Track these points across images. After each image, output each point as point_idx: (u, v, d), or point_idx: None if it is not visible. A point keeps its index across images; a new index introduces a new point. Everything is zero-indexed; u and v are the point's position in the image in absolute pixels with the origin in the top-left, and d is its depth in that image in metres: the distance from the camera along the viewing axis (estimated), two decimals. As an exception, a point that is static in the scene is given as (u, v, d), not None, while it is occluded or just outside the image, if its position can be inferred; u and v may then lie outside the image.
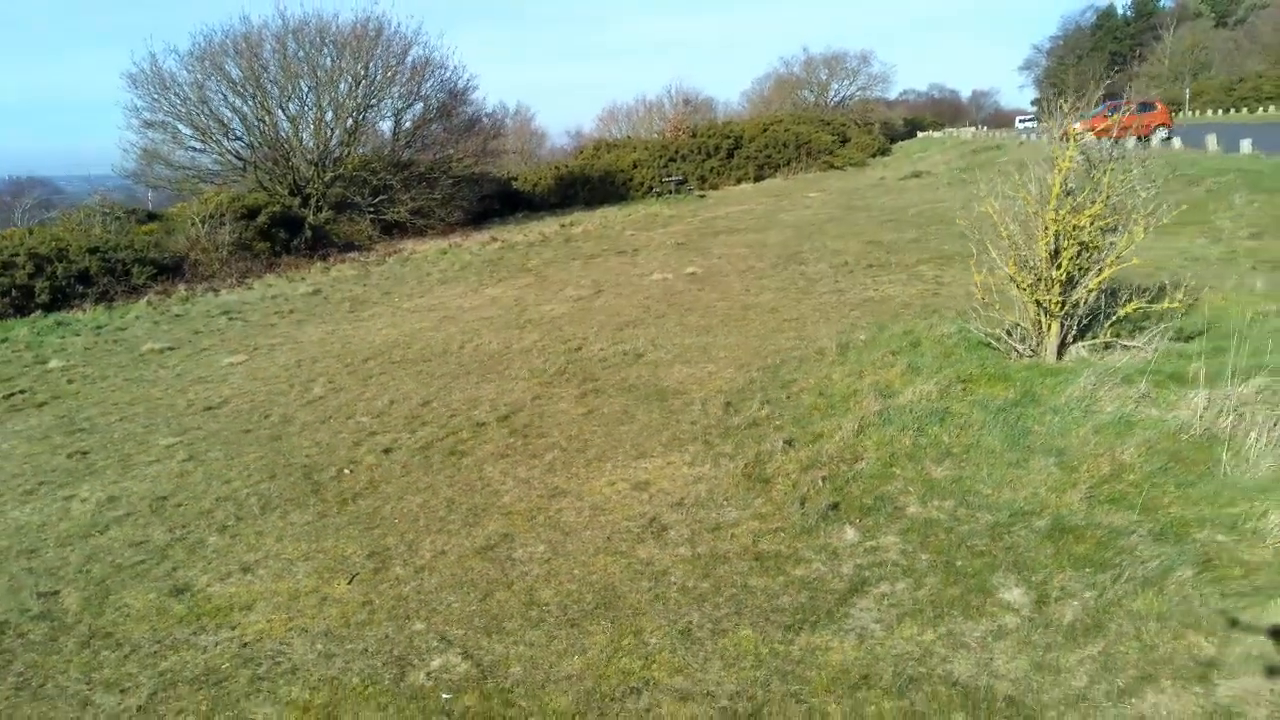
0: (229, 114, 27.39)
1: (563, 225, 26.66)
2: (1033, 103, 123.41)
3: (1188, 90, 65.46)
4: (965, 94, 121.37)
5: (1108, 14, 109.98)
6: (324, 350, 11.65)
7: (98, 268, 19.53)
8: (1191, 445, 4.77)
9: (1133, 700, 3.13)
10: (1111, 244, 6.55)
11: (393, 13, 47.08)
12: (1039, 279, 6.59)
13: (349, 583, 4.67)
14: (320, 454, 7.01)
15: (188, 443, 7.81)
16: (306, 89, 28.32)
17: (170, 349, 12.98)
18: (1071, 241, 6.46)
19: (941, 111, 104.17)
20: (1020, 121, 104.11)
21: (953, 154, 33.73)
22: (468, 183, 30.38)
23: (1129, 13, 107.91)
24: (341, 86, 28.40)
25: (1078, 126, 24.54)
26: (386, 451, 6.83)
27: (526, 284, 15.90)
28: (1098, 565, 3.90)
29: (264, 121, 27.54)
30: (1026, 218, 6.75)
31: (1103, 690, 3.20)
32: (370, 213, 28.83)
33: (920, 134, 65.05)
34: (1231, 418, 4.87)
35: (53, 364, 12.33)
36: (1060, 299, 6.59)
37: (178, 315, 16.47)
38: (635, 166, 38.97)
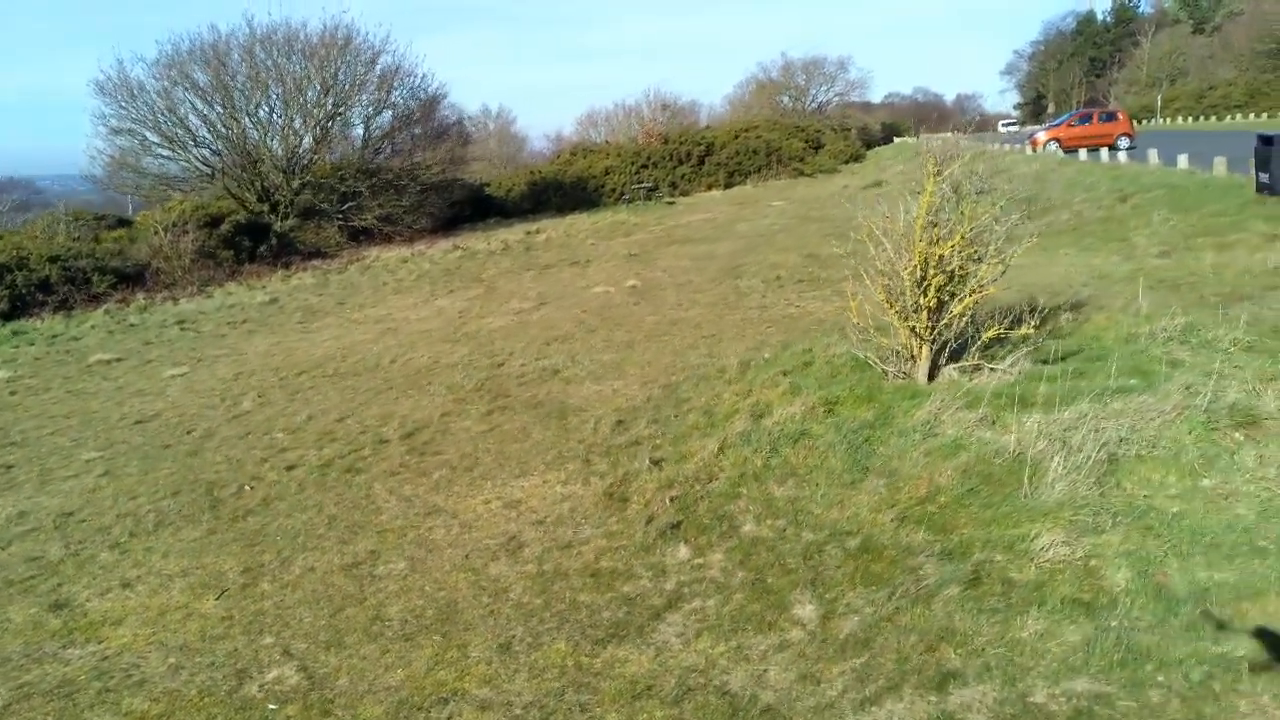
0: (197, 122, 27.62)
1: (528, 233, 26.97)
2: (1015, 107, 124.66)
3: (1159, 97, 66.19)
4: (950, 98, 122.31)
5: (1088, 20, 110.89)
6: (264, 363, 11.94)
7: (58, 276, 19.75)
8: (1004, 469, 5.13)
9: (873, 708, 3.48)
10: (977, 275, 6.92)
11: (361, 21, 47.21)
12: (907, 305, 6.95)
13: (217, 599, 4.98)
14: (228, 470, 7.32)
15: (109, 457, 8.10)
16: (275, 97, 28.56)
17: (118, 360, 13.25)
18: (937, 270, 6.82)
19: (926, 115, 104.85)
20: (1003, 125, 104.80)
21: (916, 163, 34.17)
22: (436, 189, 30.68)
23: (1108, 19, 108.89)
24: (309, 94, 28.66)
25: (1042, 136, 25.30)
26: (289, 468, 7.14)
27: (476, 295, 16.21)
28: (884, 582, 4.25)
29: (232, 129, 27.76)
30: (899, 246, 7.10)
31: (850, 699, 3.55)
32: (339, 219, 29.10)
33: (896, 139, 65.59)
34: (1045, 442, 5.23)
35: (0, 375, 12.58)
36: (929, 324, 6.95)
37: (133, 325, 16.74)
38: (607, 173, 39.32)
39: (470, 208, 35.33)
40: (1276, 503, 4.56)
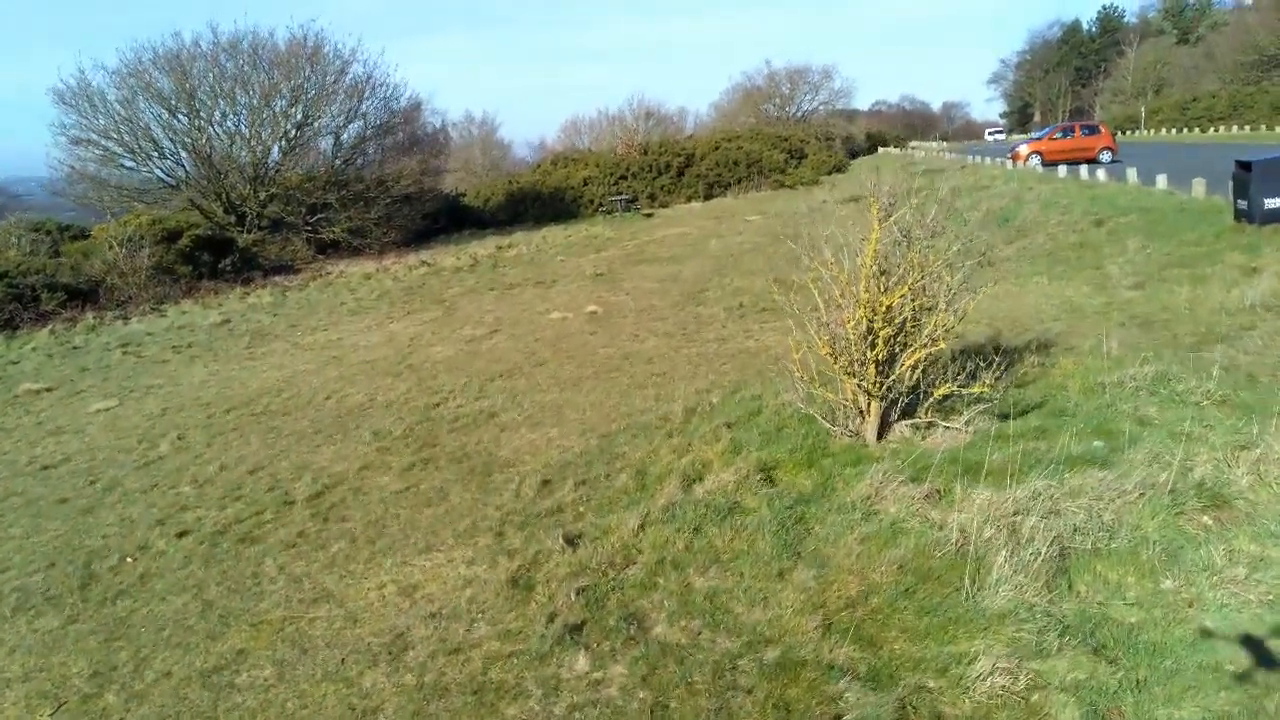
0: (160, 132, 26.92)
1: (499, 247, 26.38)
2: (1001, 115, 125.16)
3: (1143, 109, 66.13)
4: (936, 105, 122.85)
5: (1073, 29, 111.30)
6: (196, 397, 11.31)
7: (4, 293, 19.03)
8: (945, 563, 4.57)
9: None
10: (927, 322, 6.38)
11: (330, 30, 46.44)
12: (854, 359, 6.40)
13: (51, 715, 4.37)
14: (117, 534, 6.70)
15: (-1, 514, 7.47)
16: (241, 106, 27.91)
17: (48, 390, 12.60)
18: (885, 322, 6.28)
19: (913, 124, 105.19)
20: (989, 134, 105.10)
21: (899, 176, 33.71)
22: (407, 201, 30.05)
23: (1094, 28, 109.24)
24: (277, 104, 28.03)
25: (1024, 149, 24.85)
26: (181, 535, 6.53)
27: (432, 318, 15.61)
28: (798, 714, 3.69)
29: (197, 140, 27.09)
30: (839, 293, 6.56)
31: None
32: (307, 231, 28.49)
33: (881, 149, 65.29)
34: (993, 530, 4.68)
35: (-82, 408, 11.90)
36: (878, 379, 6.41)
37: (75, 348, 16.06)
38: (586, 183, 38.77)
39: (446, 218, 34.72)
40: (1248, 611, 4.02)
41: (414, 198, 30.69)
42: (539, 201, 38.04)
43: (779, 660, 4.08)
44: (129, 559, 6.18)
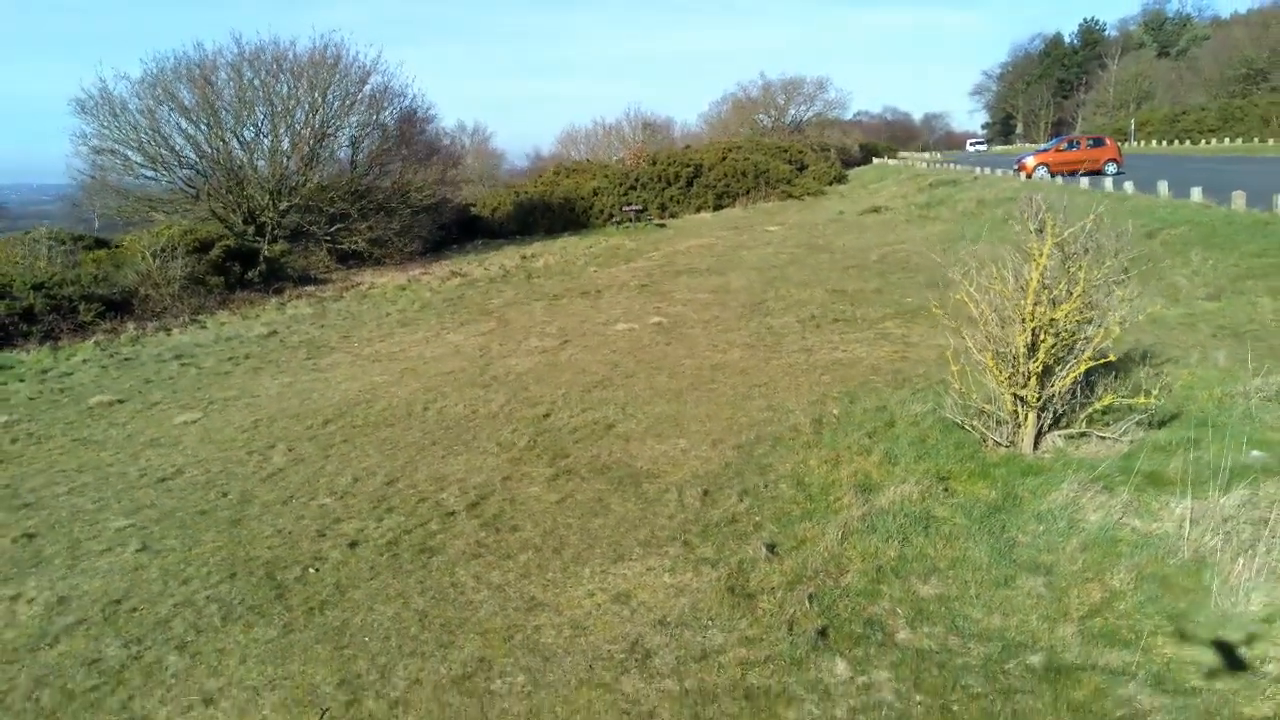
0: (181, 142, 26.79)
1: (523, 258, 26.46)
2: (983, 126, 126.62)
3: (1133, 121, 67.20)
4: (917, 116, 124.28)
5: (1055, 42, 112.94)
6: (282, 408, 11.31)
7: (43, 305, 18.86)
8: (1180, 570, 4.74)
9: None
10: (1087, 338, 6.57)
11: (351, 41, 46.16)
12: (1016, 371, 6.58)
13: (319, 722, 4.44)
14: (282, 545, 6.74)
15: (140, 525, 7.48)
16: (262, 116, 27.83)
17: (119, 402, 12.54)
18: (1048, 334, 6.46)
19: (895, 135, 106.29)
20: (971, 145, 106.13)
21: (909, 187, 34.12)
22: (426, 212, 30.02)
23: (1075, 41, 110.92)
24: (298, 114, 27.98)
25: (1031, 161, 25.07)
26: (352, 545, 6.58)
27: (489, 329, 15.66)
28: (1096, 717, 3.82)
29: (218, 149, 26.97)
30: (1002, 308, 6.73)
31: None
32: (327, 241, 28.41)
33: (876, 160, 65.88)
34: (1218, 537, 4.85)
35: (-4, 419, 11.82)
36: (1037, 391, 6.58)
37: (127, 359, 15.97)
38: (596, 194, 38.88)
39: (457, 229, 34.71)
40: None
41: (432, 209, 30.67)
42: (549, 212, 38.12)
43: (1047, 664, 4.22)
44: (312, 569, 6.23)
